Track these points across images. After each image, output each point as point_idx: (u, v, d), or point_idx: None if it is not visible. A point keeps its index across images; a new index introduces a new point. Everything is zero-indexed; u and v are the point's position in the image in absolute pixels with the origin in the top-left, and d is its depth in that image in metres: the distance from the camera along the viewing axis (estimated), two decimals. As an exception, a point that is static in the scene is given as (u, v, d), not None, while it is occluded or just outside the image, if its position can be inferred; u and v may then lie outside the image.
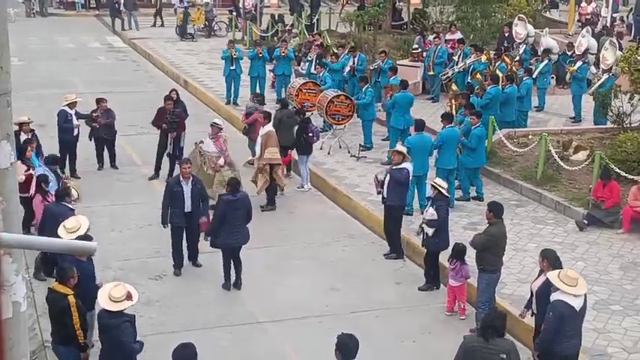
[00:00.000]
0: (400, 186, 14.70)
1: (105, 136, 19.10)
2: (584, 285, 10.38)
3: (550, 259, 10.89)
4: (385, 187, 14.81)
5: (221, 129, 17.24)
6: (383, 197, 14.98)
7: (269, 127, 17.21)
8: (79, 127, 18.54)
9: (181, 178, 14.11)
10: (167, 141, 18.56)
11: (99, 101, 19.21)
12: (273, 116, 18.25)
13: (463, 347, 9.41)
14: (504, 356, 9.14)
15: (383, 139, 21.00)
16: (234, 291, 13.73)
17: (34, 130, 17.00)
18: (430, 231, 13.46)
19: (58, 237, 10.56)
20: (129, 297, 9.80)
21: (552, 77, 25.63)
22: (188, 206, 14.03)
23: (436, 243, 13.60)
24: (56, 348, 10.66)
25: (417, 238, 14.71)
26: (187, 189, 14.00)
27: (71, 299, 10.14)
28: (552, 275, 10.34)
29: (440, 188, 13.57)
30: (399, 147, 15.48)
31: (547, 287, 10.58)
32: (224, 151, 17.04)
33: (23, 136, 16.07)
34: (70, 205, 13.23)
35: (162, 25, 40.61)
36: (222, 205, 13.58)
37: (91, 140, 19.15)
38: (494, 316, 9.74)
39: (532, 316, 11.34)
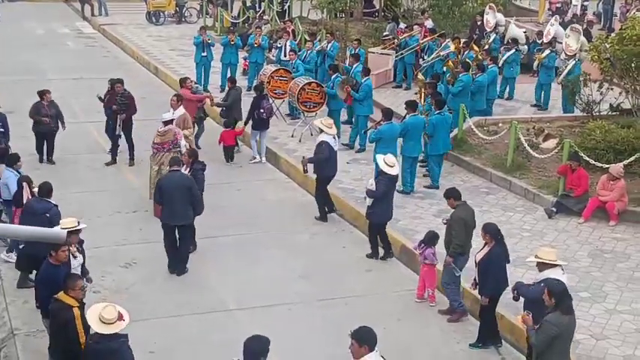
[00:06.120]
0: (316, 164, 16.10)
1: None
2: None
3: (492, 233, 11.43)
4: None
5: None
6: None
7: (181, 109, 17.50)
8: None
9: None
10: (116, 122, 18.55)
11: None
12: (226, 93, 20.05)
13: (554, 328, 9.24)
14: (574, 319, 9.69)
15: (344, 122, 21.20)
16: (204, 278, 13.71)
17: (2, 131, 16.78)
18: (369, 201, 14.17)
19: None
20: (120, 317, 9.13)
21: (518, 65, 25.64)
22: None
23: (374, 213, 14.20)
24: None
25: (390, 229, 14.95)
26: None
27: (76, 312, 9.58)
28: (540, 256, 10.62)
29: (383, 166, 14.00)
30: (317, 121, 16.52)
31: (489, 258, 11.31)
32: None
33: None
34: (53, 202, 12.84)
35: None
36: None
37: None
38: (564, 290, 9.60)
39: (474, 287, 11.82)
